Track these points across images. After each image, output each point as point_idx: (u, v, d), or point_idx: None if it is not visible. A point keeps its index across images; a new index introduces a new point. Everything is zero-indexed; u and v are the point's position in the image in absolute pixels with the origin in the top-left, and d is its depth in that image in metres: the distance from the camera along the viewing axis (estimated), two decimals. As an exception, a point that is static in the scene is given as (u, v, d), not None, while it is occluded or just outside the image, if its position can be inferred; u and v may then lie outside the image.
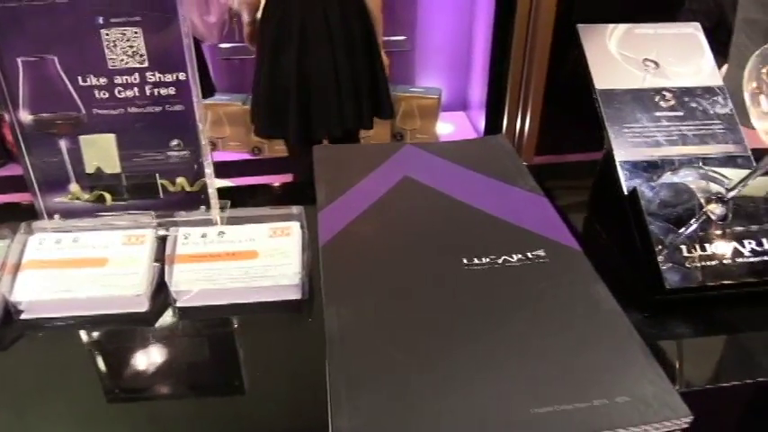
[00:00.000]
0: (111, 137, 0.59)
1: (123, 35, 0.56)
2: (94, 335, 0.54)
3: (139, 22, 0.56)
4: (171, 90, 0.58)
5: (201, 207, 0.62)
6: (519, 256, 0.51)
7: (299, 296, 0.55)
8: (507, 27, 2.44)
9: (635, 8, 1.38)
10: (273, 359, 0.52)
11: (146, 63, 0.57)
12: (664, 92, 0.63)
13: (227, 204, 0.63)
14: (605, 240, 0.65)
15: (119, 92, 0.58)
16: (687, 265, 0.54)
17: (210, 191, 0.61)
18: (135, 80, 0.58)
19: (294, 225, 0.58)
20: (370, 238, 0.54)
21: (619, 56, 0.64)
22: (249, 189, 0.82)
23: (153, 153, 0.60)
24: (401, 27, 2.78)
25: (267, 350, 0.53)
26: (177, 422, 0.48)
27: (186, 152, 0.60)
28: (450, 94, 2.98)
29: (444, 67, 2.94)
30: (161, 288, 0.56)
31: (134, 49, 0.57)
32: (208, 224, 0.60)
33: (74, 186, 0.61)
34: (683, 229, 0.55)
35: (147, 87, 0.58)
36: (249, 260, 0.55)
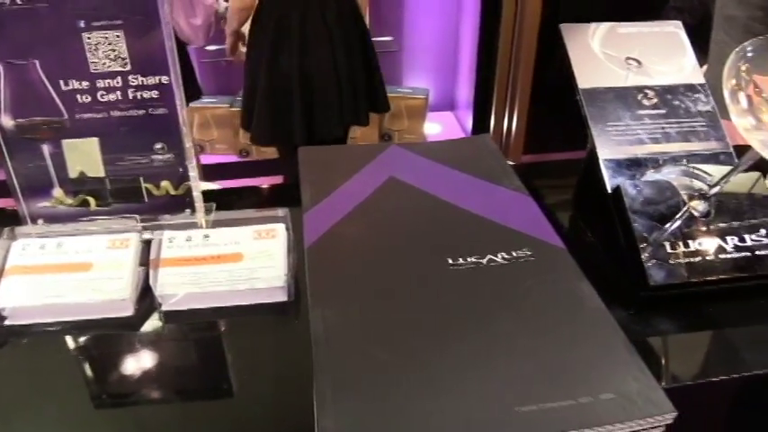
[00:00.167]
0: (95, 141, 0.59)
1: (105, 39, 0.56)
2: (80, 340, 0.54)
3: (121, 26, 0.55)
4: (154, 93, 0.58)
5: (186, 210, 0.62)
6: (504, 256, 0.51)
7: (284, 298, 0.55)
8: (493, 27, 2.45)
9: (620, 7, 1.39)
10: (260, 362, 0.52)
11: (128, 66, 0.57)
12: (646, 90, 0.63)
13: (212, 207, 0.63)
14: (590, 238, 0.65)
15: (101, 96, 0.57)
16: (671, 261, 0.55)
17: (195, 194, 0.61)
18: (117, 84, 0.57)
19: (279, 227, 0.58)
20: (355, 239, 0.54)
21: (601, 55, 0.65)
22: (235, 192, 0.81)
23: (137, 157, 0.60)
24: (388, 28, 2.78)
25: (253, 353, 0.53)
26: (165, 427, 0.48)
27: (170, 155, 0.60)
28: (438, 94, 2.98)
29: (431, 67, 2.95)
30: (146, 292, 0.56)
31: (116, 53, 0.56)
32: (193, 227, 0.60)
33: (57, 191, 0.61)
34: (666, 226, 0.56)
35: (130, 91, 0.58)
36: (234, 263, 0.55)
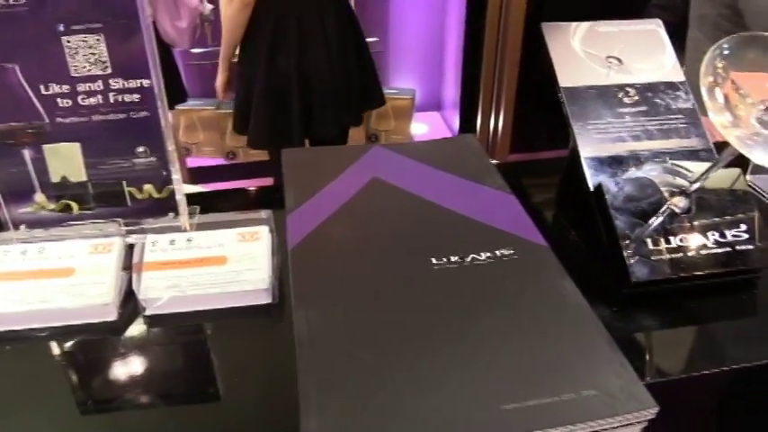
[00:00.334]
0: (76, 145, 0.59)
1: (85, 42, 0.56)
2: (63, 346, 0.54)
3: (101, 29, 0.55)
4: (135, 97, 0.58)
5: (170, 213, 0.62)
6: (487, 255, 0.51)
7: (269, 300, 0.55)
8: (478, 27, 2.46)
9: (604, 6, 1.40)
10: (245, 364, 0.52)
11: (109, 70, 0.56)
12: (627, 88, 0.64)
13: (195, 210, 0.63)
14: (573, 236, 0.65)
15: (82, 99, 0.57)
16: (653, 258, 0.55)
17: (178, 197, 0.61)
18: (98, 87, 0.57)
19: (263, 229, 0.58)
20: (339, 240, 0.54)
21: (582, 53, 0.65)
22: (219, 194, 0.81)
23: (119, 161, 0.60)
24: (373, 28, 2.78)
25: (238, 356, 0.53)
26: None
27: (153, 159, 0.60)
28: (424, 94, 2.99)
29: (417, 67, 2.95)
30: (130, 297, 0.56)
31: (96, 56, 0.56)
32: (176, 231, 0.59)
33: (39, 196, 0.60)
34: (648, 223, 0.56)
35: (111, 94, 0.57)
36: (218, 266, 0.55)
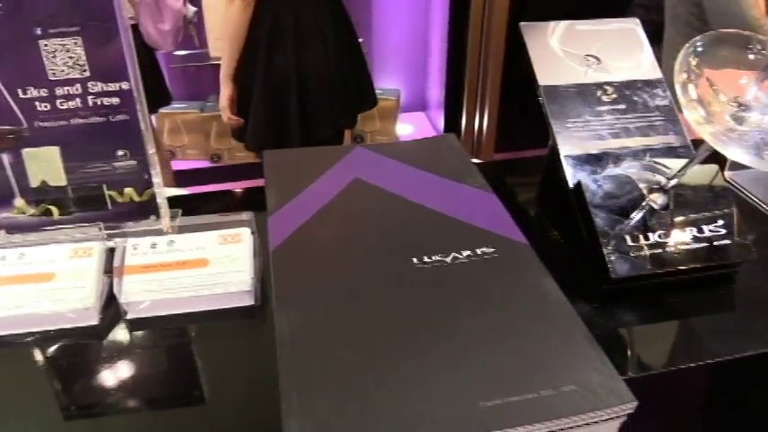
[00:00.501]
0: (55, 149, 0.58)
1: (63, 45, 0.55)
2: (45, 351, 0.54)
3: (79, 32, 0.55)
4: (114, 100, 0.57)
5: (152, 217, 0.62)
6: (468, 253, 0.52)
7: (251, 302, 0.55)
8: (462, 27, 2.47)
9: (586, 5, 1.40)
10: (229, 366, 0.52)
11: (87, 73, 0.56)
12: (605, 86, 0.64)
13: (177, 213, 0.63)
14: (554, 234, 0.66)
15: (61, 103, 0.57)
16: (632, 254, 0.56)
17: (159, 200, 0.61)
18: (77, 91, 0.57)
19: (244, 231, 0.58)
20: (320, 240, 0.54)
21: (561, 52, 0.66)
22: (201, 197, 0.81)
23: (99, 164, 0.60)
24: (357, 29, 2.78)
25: (222, 358, 0.53)
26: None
27: (133, 162, 0.60)
28: (409, 95, 2.99)
29: (402, 68, 2.95)
30: (112, 301, 0.56)
31: (74, 60, 0.56)
32: (158, 234, 0.59)
33: (19, 201, 0.60)
34: (627, 220, 0.56)
35: (90, 98, 0.57)
36: (200, 268, 0.55)
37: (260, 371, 0.50)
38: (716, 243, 0.57)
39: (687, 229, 0.57)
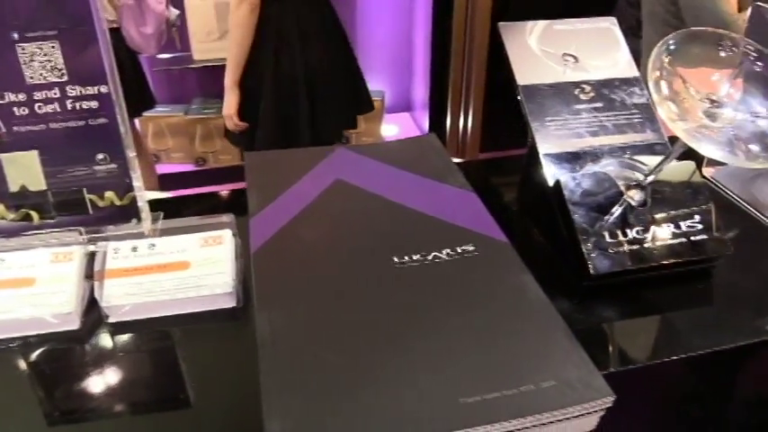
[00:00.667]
0: (34, 154, 0.58)
1: (40, 50, 0.55)
2: (27, 356, 0.53)
3: (56, 36, 0.55)
4: (93, 104, 0.57)
5: (133, 220, 0.61)
6: (448, 252, 0.52)
7: (233, 304, 0.55)
8: (445, 28, 2.47)
9: (569, 5, 1.41)
10: (211, 368, 0.52)
11: (65, 77, 0.56)
12: (583, 85, 0.65)
13: (159, 216, 0.62)
14: (535, 232, 0.66)
15: (39, 107, 0.57)
16: (611, 250, 0.56)
17: (140, 203, 0.61)
18: (55, 95, 0.57)
19: (226, 233, 0.58)
20: (301, 241, 0.54)
21: (539, 52, 0.66)
22: (183, 200, 0.81)
23: (79, 168, 0.59)
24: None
25: (204, 360, 0.53)
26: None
27: (114, 166, 0.60)
28: (394, 95, 3.00)
29: (386, 69, 2.96)
30: (93, 305, 0.55)
31: (52, 64, 0.56)
32: (139, 237, 0.59)
33: (-2, 206, 0.60)
34: (606, 217, 0.57)
35: (68, 102, 0.57)
36: (181, 271, 0.55)
37: (243, 372, 0.50)
38: (693, 238, 0.58)
39: (665, 226, 0.58)
